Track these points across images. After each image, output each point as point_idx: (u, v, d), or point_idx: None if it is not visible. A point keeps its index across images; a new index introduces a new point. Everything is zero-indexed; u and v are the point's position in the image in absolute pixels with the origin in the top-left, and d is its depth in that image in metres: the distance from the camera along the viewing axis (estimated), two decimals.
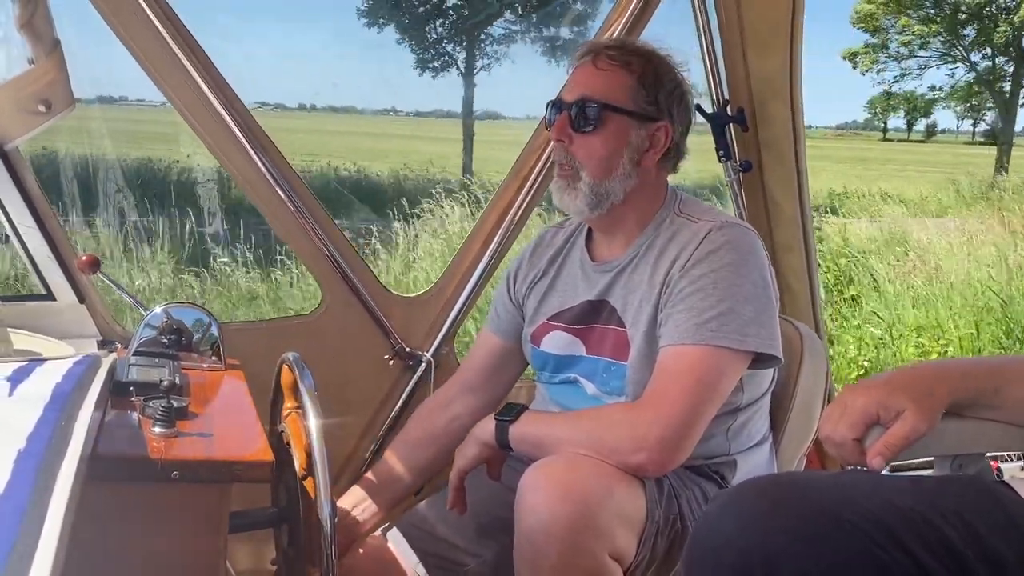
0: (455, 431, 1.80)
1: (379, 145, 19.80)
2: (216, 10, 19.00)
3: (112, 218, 6.78)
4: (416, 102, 32.99)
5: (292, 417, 1.54)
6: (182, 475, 1.21)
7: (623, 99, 1.65)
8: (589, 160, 1.65)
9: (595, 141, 1.65)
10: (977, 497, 1.11)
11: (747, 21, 2.40)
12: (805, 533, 0.98)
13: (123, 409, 1.38)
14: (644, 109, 1.66)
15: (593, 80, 1.66)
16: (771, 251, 2.54)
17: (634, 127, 1.66)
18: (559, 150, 1.68)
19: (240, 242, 6.91)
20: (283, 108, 26.00)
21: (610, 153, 1.65)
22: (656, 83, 1.67)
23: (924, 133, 54.23)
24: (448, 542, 1.75)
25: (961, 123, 48.31)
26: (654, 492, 1.53)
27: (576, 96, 1.66)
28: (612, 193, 1.66)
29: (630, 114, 1.65)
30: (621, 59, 1.67)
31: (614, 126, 1.65)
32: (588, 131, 1.65)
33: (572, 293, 1.76)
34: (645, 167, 1.68)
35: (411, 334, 2.37)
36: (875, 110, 52.37)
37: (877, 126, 53.97)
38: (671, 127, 1.68)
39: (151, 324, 1.76)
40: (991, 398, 1.26)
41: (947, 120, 67.30)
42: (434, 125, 24.35)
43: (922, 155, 33.92)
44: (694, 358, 1.53)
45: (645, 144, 1.67)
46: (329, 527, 1.36)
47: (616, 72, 1.66)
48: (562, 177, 1.68)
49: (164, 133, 10.52)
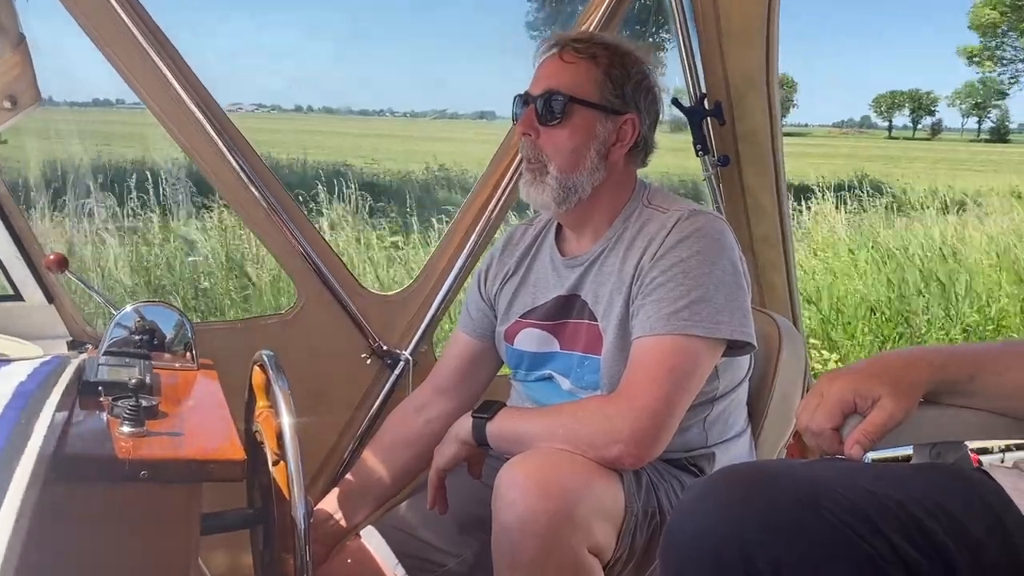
0: (430, 434, 1.78)
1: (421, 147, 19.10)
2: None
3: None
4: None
5: (266, 416, 1.52)
6: (151, 475, 1.18)
7: (589, 92, 1.64)
8: (556, 154, 1.64)
9: (562, 134, 1.64)
10: (956, 485, 1.11)
11: (723, 14, 2.41)
12: (781, 522, 0.97)
13: (91, 409, 1.35)
14: (611, 102, 1.65)
15: (559, 73, 1.65)
16: (749, 244, 2.56)
17: (601, 120, 1.64)
18: (526, 144, 1.67)
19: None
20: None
21: (577, 146, 1.64)
22: (623, 75, 1.66)
23: (930, 130, 55.38)
24: (428, 543, 1.74)
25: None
26: (632, 485, 1.52)
27: (542, 89, 1.65)
28: (580, 187, 1.65)
29: (597, 107, 1.64)
30: (587, 52, 1.65)
31: (581, 119, 1.63)
32: (555, 124, 1.63)
33: (543, 289, 1.75)
34: (613, 160, 1.67)
35: (389, 332, 2.35)
36: (880, 108, 53.28)
37: (879, 125, 54.99)
38: (638, 120, 1.67)
39: (122, 323, 1.73)
40: (967, 385, 1.25)
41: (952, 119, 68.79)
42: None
43: (973, 154, 34.00)
44: (667, 348, 1.52)
45: (612, 137, 1.66)
46: (303, 527, 1.34)
47: (582, 65, 1.65)
48: (529, 171, 1.67)
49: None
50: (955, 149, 37.99)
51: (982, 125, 52.45)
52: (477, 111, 31.86)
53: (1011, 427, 1.31)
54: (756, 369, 1.81)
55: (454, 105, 29.44)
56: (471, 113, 31.08)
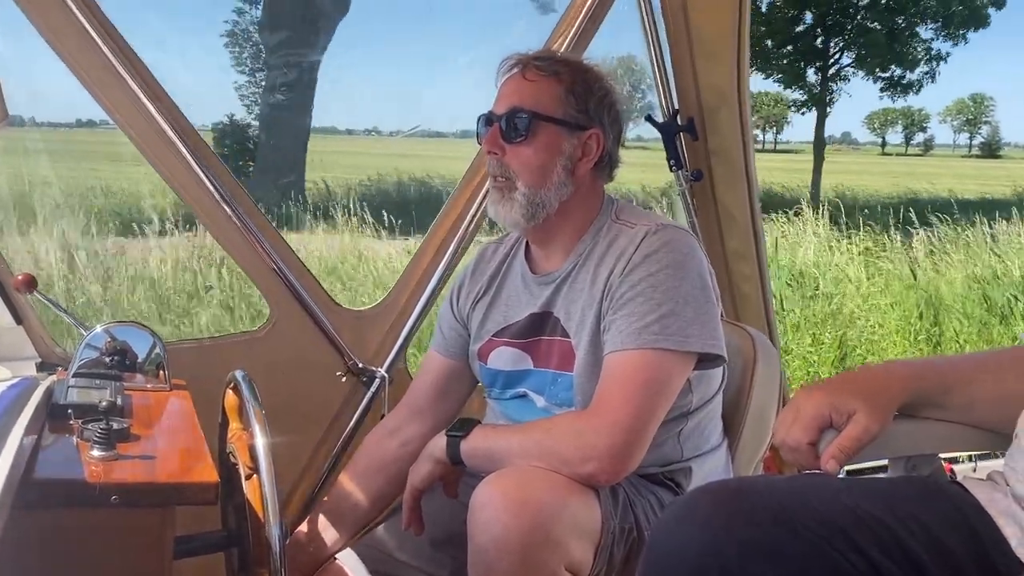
0: (405, 457, 1.75)
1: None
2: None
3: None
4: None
5: (239, 436, 1.50)
6: (122, 499, 1.17)
7: (553, 108, 1.64)
8: (523, 170, 1.64)
9: (527, 151, 1.64)
10: (932, 498, 1.12)
11: (695, 30, 2.43)
12: (760, 539, 0.97)
13: (60, 432, 1.33)
14: (574, 117, 1.65)
15: (522, 91, 1.66)
16: (723, 259, 2.57)
17: (566, 136, 1.65)
18: (493, 163, 1.67)
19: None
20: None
21: (543, 162, 1.64)
22: (586, 92, 1.66)
23: (922, 147, 56.63)
24: (405, 563, 1.72)
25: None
26: (609, 502, 1.52)
27: (506, 108, 1.65)
28: (547, 202, 1.65)
29: (561, 122, 1.64)
30: (549, 69, 1.66)
31: (545, 135, 1.64)
32: (520, 141, 1.64)
33: (516, 307, 1.75)
34: (579, 176, 1.68)
35: (363, 349, 2.34)
36: (873, 125, 54.43)
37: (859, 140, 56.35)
38: (603, 135, 1.68)
39: (92, 344, 1.70)
40: (941, 398, 1.27)
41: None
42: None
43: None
44: (638, 362, 1.52)
45: (578, 152, 1.67)
46: (279, 548, 1.33)
47: (545, 82, 1.65)
48: (496, 189, 1.67)
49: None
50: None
51: (973, 141, 53.89)
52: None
53: (983, 439, 1.32)
54: (732, 383, 1.81)
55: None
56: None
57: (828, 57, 22.72)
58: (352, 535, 1.80)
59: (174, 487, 1.22)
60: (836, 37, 22.46)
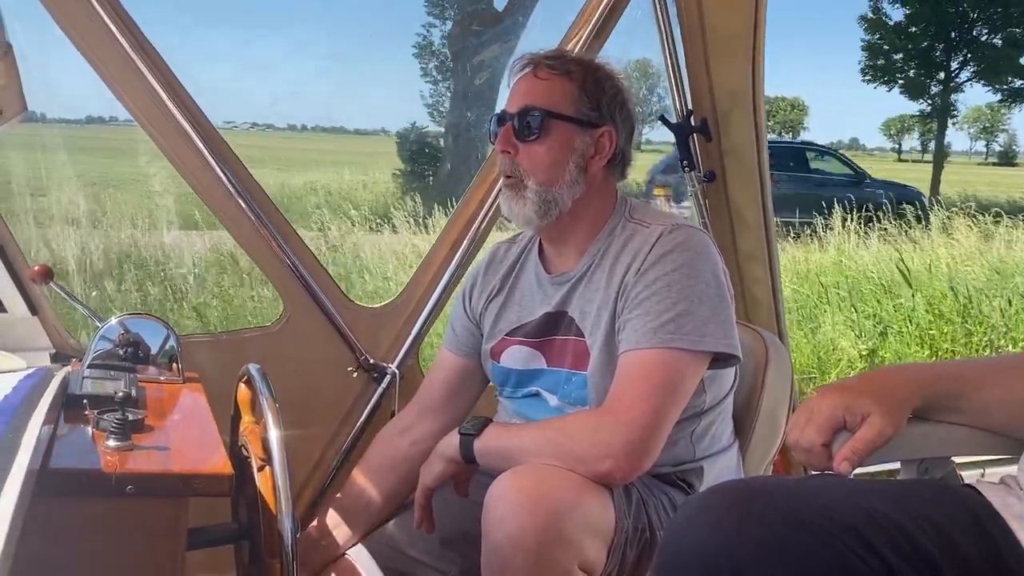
0: (416, 455, 1.75)
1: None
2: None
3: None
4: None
5: (252, 430, 1.51)
6: (137, 489, 1.17)
7: (565, 106, 1.65)
8: (535, 168, 1.64)
9: (540, 149, 1.64)
10: (945, 500, 1.11)
11: (709, 31, 2.42)
12: (773, 539, 0.97)
13: (76, 423, 1.34)
14: (587, 115, 1.66)
15: (534, 89, 1.66)
16: (735, 260, 2.57)
17: (578, 133, 1.65)
18: (505, 161, 1.67)
19: None
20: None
21: (555, 160, 1.64)
22: (597, 89, 1.67)
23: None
24: (416, 559, 1.72)
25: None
26: (622, 501, 1.52)
27: (518, 106, 1.65)
28: (560, 200, 1.65)
29: (573, 120, 1.65)
30: (561, 68, 1.67)
31: (558, 133, 1.64)
32: (532, 140, 1.64)
33: (529, 307, 1.75)
34: (592, 174, 1.68)
35: (375, 345, 2.34)
36: (890, 132, 54.66)
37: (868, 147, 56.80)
38: (615, 132, 1.68)
39: (106, 336, 1.71)
40: (955, 402, 1.26)
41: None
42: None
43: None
44: (654, 361, 1.52)
45: (590, 150, 1.67)
46: (290, 541, 1.33)
47: (557, 80, 1.66)
48: (508, 186, 1.68)
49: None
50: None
51: (990, 148, 53.97)
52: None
53: (997, 443, 1.32)
54: (743, 383, 1.81)
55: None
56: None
57: (949, 70, 23.49)
58: (364, 533, 1.80)
59: (189, 477, 1.22)
60: (957, 53, 23.25)
